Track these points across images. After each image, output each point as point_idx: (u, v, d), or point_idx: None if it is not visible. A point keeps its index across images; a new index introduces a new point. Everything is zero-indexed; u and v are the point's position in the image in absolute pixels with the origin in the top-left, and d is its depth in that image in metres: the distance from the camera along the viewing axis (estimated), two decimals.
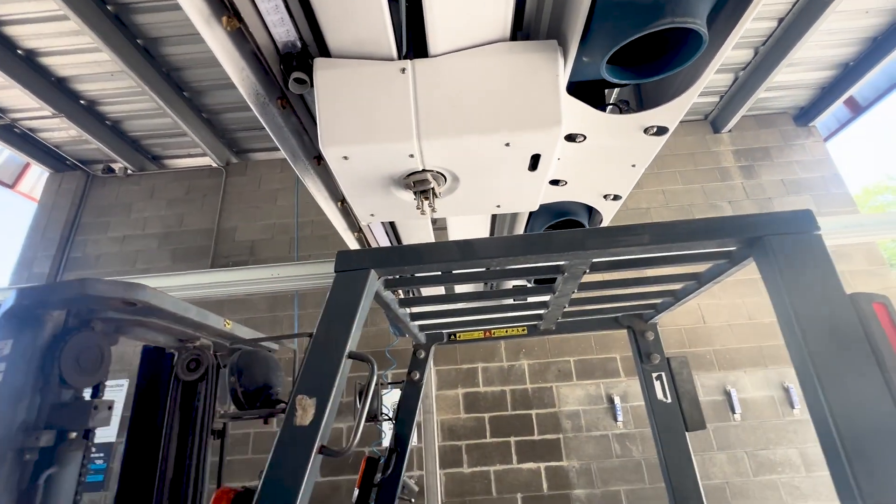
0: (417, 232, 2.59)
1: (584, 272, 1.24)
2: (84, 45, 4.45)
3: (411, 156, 1.39)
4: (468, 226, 2.59)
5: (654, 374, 1.80)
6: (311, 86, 1.44)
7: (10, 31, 4.31)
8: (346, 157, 1.39)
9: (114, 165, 6.29)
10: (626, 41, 1.13)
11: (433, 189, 1.53)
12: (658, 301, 1.72)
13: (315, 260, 4.54)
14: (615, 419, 4.54)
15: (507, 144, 1.37)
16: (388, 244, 2.83)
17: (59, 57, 4.64)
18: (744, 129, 5.91)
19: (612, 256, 1.08)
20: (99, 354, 1.28)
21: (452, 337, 2.04)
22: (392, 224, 2.61)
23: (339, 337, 0.95)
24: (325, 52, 1.38)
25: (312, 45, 1.38)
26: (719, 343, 4.76)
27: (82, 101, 5.27)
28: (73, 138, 5.86)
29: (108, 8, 4.13)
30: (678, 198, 5.59)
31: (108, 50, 4.23)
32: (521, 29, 1.43)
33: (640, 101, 1.83)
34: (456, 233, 2.67)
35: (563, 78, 1.35)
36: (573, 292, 1.43)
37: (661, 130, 1.59)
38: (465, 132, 1.33)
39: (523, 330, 1.92)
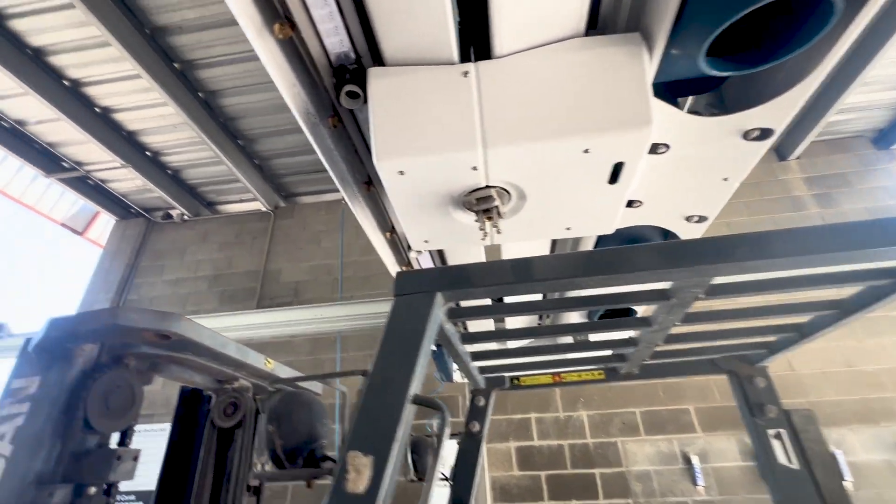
0: (468, 262, 2.40)
1: (697, 297, 0.99)
2: (153, 100, 4.82)
3: (474, 168, 1.23)
4: (524, 255, 2.38)
5: (771, 432, 1.45)
6: (365, 100, 1.34)
7: (90, 90, 4.74)
8: (401, 172, 1.25)
9: (172, 212, 6.66)
10: (741, 15, 0.94)
11: (497, 208, 1.35)
12: (774, 338, 1.41)
13: (358, 300, 4.44)
14: (694, 483, 3.93)
15: (586, 151, 1.19)
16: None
17: (130, 112, 5.05)
18: (814, 155, 5.46)
19: (744, 274, 0.84)
20: (130, 395, 1.16)
21: (515, 381, 1.78)
22: (441, 255, 2.45)
23: (400, 377, 0.76)
24: (378, 61, 1.29)
25: (366, 55, 1.29)
26: (814, 394, 4.13)
27: (148, 153, 5.67)
28: (139, 187, 6.28)
29: (175, 66, 4.47)
30: (745, 230, 5.12)
31: (174, 104, 4.54)
32: (595, 24, 1.28)
33: (720, 104, 1.62)
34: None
35: (650, 74, 1.18)
36: (675, 324, 1.18)
37: (765, 134, 1.36)
38: (538, 138, 1.16)
39: (600, 374, 1.64)
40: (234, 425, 1.44)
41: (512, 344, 2.45)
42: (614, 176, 1.31)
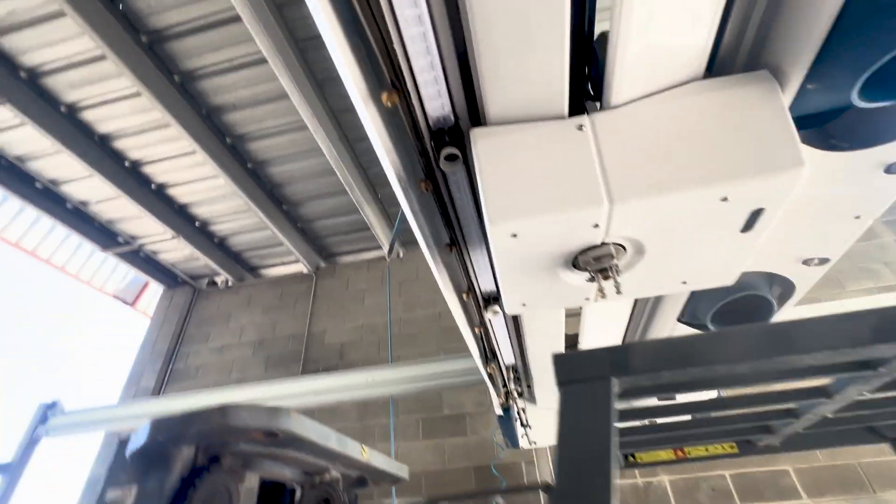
0: (544, 326, 2.25)
1: None
2: (205, 174, 5.06)
3: (595, 226, 1.12)
4: (603, 316, 2.22)
5: None
6: (464, 162, 1.28)
7: (148, 169, 5.03)
8: (514, 235, 1.15)
9: (217, 279, 6.80)
10: None
11: (616, 266, 1.23)
12: None
13: (411, 362, 4.27)
14: None
15: (725, 199, 1.07)
16: (508, 344, 2.50)
17: (184, 187, 5.30)
18: None
19: None
20: (227, 499, 1.03)
21: (631, 458, 1.56)
22: (515, 320, 2.30)
23: (598, 492, 0.60)
24: (476, 122, 1.24)
25: (465, 116, 1.25)
26: None
27: (197, 223, 5.89)
28: (186, 256, 6.48)
29: (227, 140, 4.71)
30: None
31: (225, 176, 4.74)
32: (711, 67, 1.20)
33: (827, 137, 1.49)
34: (590, 326, 2.29)
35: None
36: (861, 395, 0.98)
37: None
38: (671, 189, 1.05)
39: (732, 447, 1.40)
40: None
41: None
42: (750, 224, 1.17)
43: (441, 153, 1.25)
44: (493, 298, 2.08)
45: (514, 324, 2.37)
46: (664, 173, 1.06)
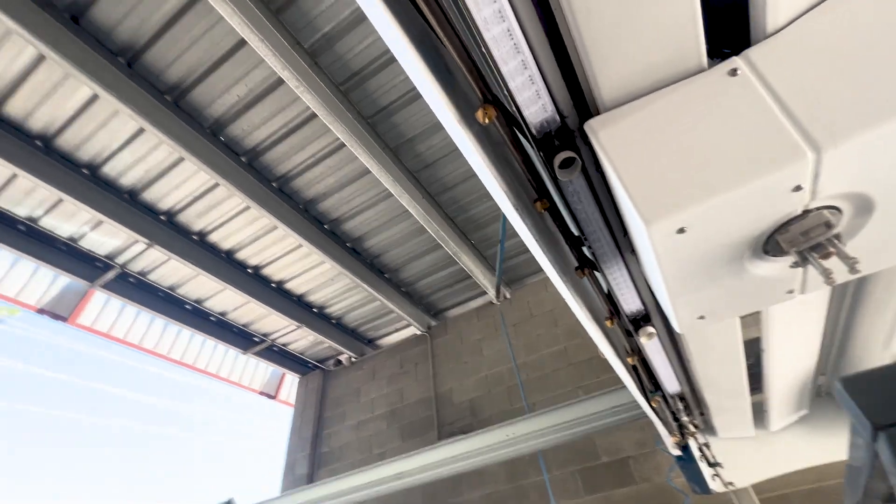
0: (716, 340, 1.83)
1: None
2: (312, 263, 5.48)
3: (797, 188, 0.83)
4: (793, 315, 1.74)
5: None
6: (583, 166, 1.09)
7: (266, 270, 5.58)
8: (682, 230, 0.90)
9: (341, 357, 7.15)
10: None
11: (836, 237, 0.90)
12: None
13: (550, 408, 3.89)
14: None
15: None
16: (669, 369, 2.09)
17: (297, 279, 5.77)
18: None
19: None
20: None
21: None
22: (672, 338, 1.92)
23: None
24: (586, 114, 1.04)
25: (572, 113, 1.06)
26: None
27: (314, 309, 6.32)
28: (311, 343, 6.96)
29: (325, 227, 5.07)
30: None
31: (330, 260, 5.06)
32: None
33: None
34: (777, 332, 1.82)
35: None
36: None
37: None
38: None
39: None
40: None
41: None
42: None
43: (554, 161, 1.07)
44: (643, 319, 1.75)
45: (672, 344, 1.98)
46: (885, 91, 0.76)
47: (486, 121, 0.96)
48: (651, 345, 1.91)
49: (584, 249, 1.44)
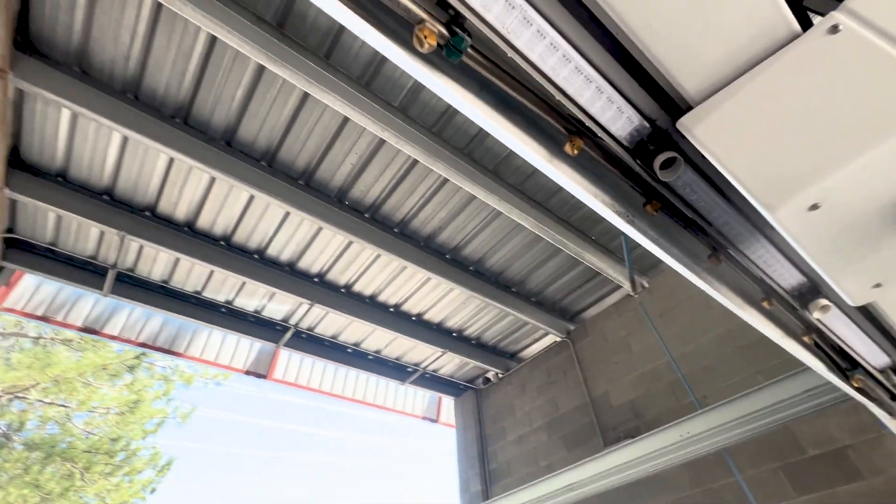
0: None
1: None
2: (444, 291, 5.86)
3: None
4: None
5: None
6: (686, 161, 1.08)
7: (405, 307, 6.12)
8: (815, 206, 0.84)
9: (488, 375, 7.39)
10: None
11: None
12: None
13: (726, 400, 3.51)
14: None
15: None
16: (866, 339, 1.79)
17: (433, 309, 6.21)
18: None
19: None
20: None
21: None
22: (865, 309, 1.65)
23: None
24: (677, 111, 1.04)
25: (660, 115, 1.07)
26: None
27: (454, 334, 6.69)
28: (458, 365, 7.34)
29: (447, 257, 5.41)
30: None
31: (458, 287, 5.37)
32: None
33: None
34: None
35: None
36: None
37: None
38: None
39: None
40: None
41: None
42: None
43: (654, 165, 1.08)
44: (811, 291, 1.56)
45: (864, 313, 1.71)
46: None
47: (575, 151, 1.02)
48: (831, 318, 1.68)
49: (714, 235, 1.38)
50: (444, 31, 0.79)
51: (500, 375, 7.18)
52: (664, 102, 1.07)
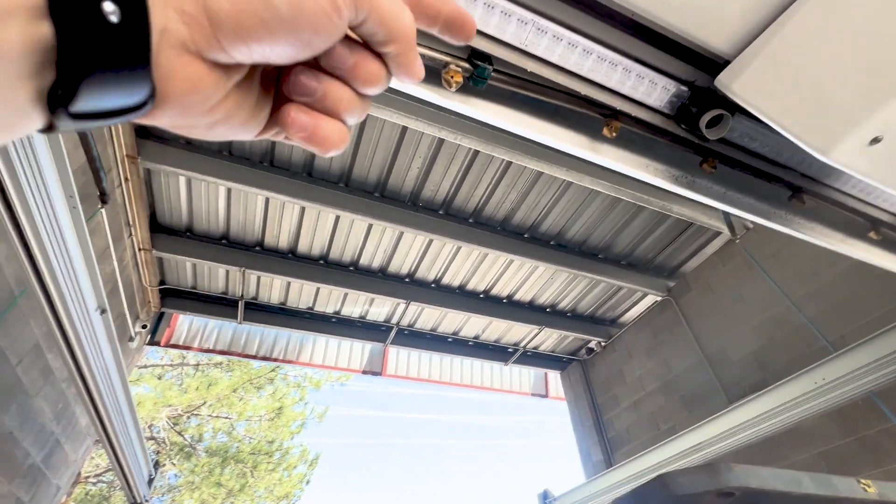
0: None
1: None
2: (528, 270, 5.89)
3: None
4: None
5: None
6: (733, 112, 1.06)
7: (494, 291, 6.27)
8: (876, 139, 0.81)
9: (591, 345, 7.27)
10: None
11: None
12: None
13: (870, 336, 3.13)
14: None
15: None
16: None
17: (522, 288, 6.27)
18: None
19: None
20: None
21: None
22: None
23: None
24: (712, 71, 1.02)
25: (699, 75, 1.06)
26: None
27: (547, 310, 6.70)
28: (557, 339, 7.33)
29: (525, 236, 5.43)
30: None
31: (543, 263, 5.38)
32: None
33: None
34: None
35: None
36: None
37: None
38: None
39: None
40: None
41: None
42: None
43: (700, 126, 1.08)
44: None
45: None
46: None
47: (614, 133, 1.06)
48: None
49: (791, 178, 1.32)
50: (467, 65, 0.89)
51: (603, 344, 7.03)
52: (700, 63, 1.06)
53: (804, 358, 4.12)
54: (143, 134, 4.02)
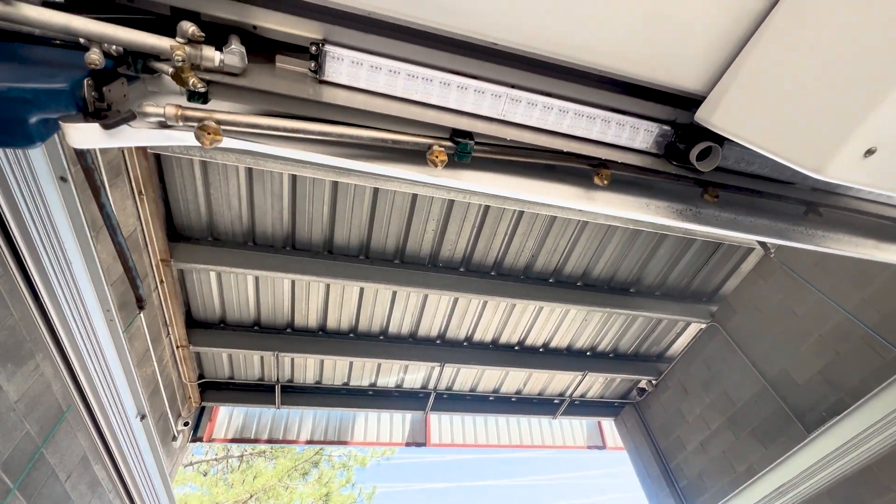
0: None
1: None
2: (560, 315, 5.75)
3: None
4: None
5: None
6: (721, 142, 1.07)
7: (528, 341, 6.09)
8: (870, 151, 0.79)
9: (641, 385, 6.85)
10: None
11: None
12: None
13: None
14: None
15: None
16: None
17: (557, 335, 6.09)
18: None
19: None
20: None
21: None
22: None
23: None
24: (690, 104, 1.05)
25: (677, 113, 1.09)
26: None
27: (587, 354, 6.43)
28: (604, 384, 6.95)
29: (550, 281, 5.36)
30: None
31: (573, 305, 5.26)
32: None
33: None
34: None
35: None
36: None
37: None
38: None
39: None
40: None
41: None
42: None
43: (691, 159, 1.09)
44: None
45: None
46: None
47: (606, 181, 1.08)
48: None
49: (798, 194, 1.29)
50: (450, 144, 0.95)
51: (654, 382, 6.61)
52: (676, 102, 1.09)
53: (880, 370, 3.76)
54: (174, 238, 4.30)
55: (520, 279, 5.27)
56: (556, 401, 7.08)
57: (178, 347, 4.94)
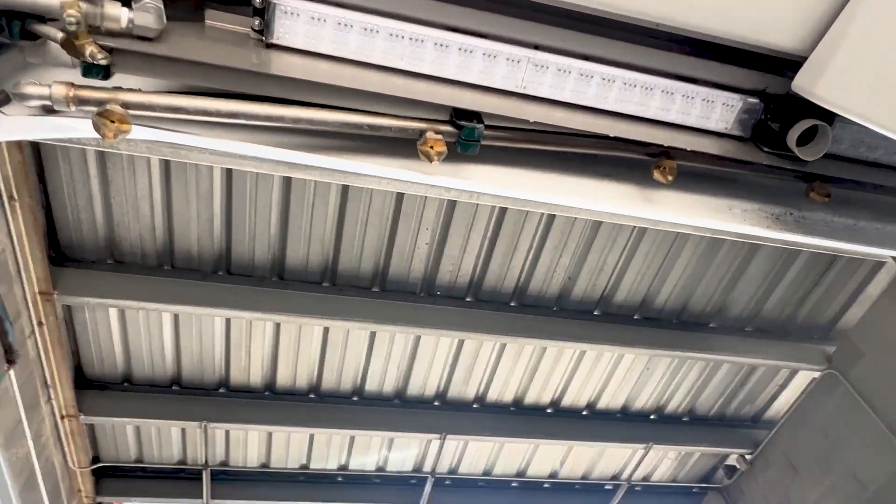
0: None
1: None
2: (611, 363, 5.80)
3: None
4: None
5: None
6: (830, 121, 1.09)
7: (565, 401, 6.08)
8: None
9: (730, 462, 6.84)
10: None
11: None
12: None
13: None
14: None
15: None
16: None
17: (606, 391, 6.10)
18: None
19: None
20: None
21: None
22: None
23: None
24: (785, 68, 1.08)
25: (770, 81, 1.11)
26: None
27: (651, 417, 6.45)
28: (676, 461, 6.95)
29: (595, 313, 5.38)
30: None
31: (628, 348, 5.29)
32: None
33: None
34: None
35: None
36: None
37: None
38: None
39: None
40: None
41: None
42: None
43: (789, 144, 1.11)
44: None
45: None
46: None
47: (670, 177, 1.09)
48: None
49: None
50: (450, 129, 0.96)
51: (749, 457, 6.57)
52: (766, 65, 1.11)
53: None
54: (59, 261, 4.32)
55: (552, 311, 5.30)
56: (608, 486, 7.03)
57: (63, 418, 4.92)
